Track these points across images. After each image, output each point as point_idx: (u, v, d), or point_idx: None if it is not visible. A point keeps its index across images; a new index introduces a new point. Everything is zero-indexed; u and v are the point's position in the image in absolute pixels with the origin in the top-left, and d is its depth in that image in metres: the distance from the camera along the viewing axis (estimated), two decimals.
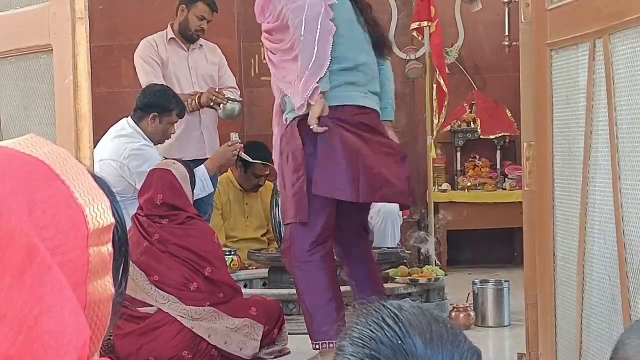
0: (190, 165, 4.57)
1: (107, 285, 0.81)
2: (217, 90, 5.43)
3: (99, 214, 0.81)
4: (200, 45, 5.67)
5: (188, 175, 4.27)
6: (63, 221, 0.78)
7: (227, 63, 5.81)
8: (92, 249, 0.79)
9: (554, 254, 2.86)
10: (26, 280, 0.73)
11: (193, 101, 5.37)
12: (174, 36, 5.57)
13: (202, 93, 5.42)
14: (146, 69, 5.45)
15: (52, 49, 2.58)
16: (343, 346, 0.93)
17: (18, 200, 0.76)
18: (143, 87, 5.37)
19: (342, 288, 5.05)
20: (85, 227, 0.79)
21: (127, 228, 3.89)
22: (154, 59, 5.47)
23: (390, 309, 0.94)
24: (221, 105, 5.39)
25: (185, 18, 5.54)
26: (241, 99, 5.56)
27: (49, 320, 0.73)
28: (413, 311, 0.94)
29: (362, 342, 0.92)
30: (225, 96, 5.40)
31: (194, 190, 4.43)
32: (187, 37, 5.57)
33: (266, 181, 6.31)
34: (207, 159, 5.39)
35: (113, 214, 0.83)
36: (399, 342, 0.90)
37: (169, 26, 5.61)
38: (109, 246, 0.82)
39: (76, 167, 0.83)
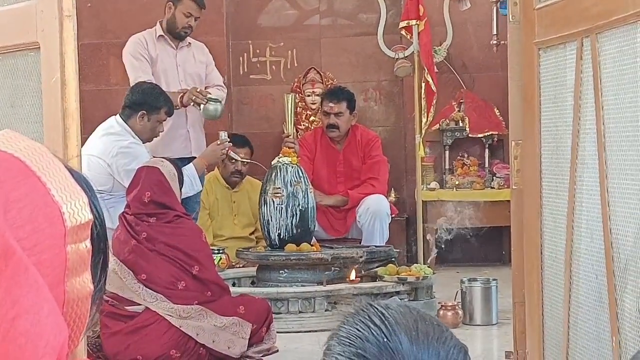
0: (179, 163, 4.56)
1: (86, 282, 0.80)
2: (199, 90, 5.39)
3: (77, 211, 0.79)
4: (189, 43, 5.65)
5: (176, 174, 4.26)
6: (39, 220, 0.76)
7: (214, 62, 5.80)
8: (70, 247, 0.78)
9: (541, 253, 2.87)
10: (1, 282, 0.72)
11: (177, 99, 5.35)
12: (162, 34, 5.55)
13: (184, 93, 5.38)
14: (135, 65, 5.43)
15: (39, 47, 2.56)
16: (331, 345, 0.94)
17: None
18: (132, 83, 5.35)
19: (331, 287, 5.07)
20: (63, 225, 0.78)
21: (115, 226, 3.86)
22: (144, 56, 5.45)
23: (377, 308, 0.95)
24: (202, 106, 5.34)
25: (172, 15, 5.52)
26: (221, 100, 5.51)
27: (26, 323, 0.72)
28: (400, 310, 0.95)
29: (349, 340, 0.92)
30: (207, 96, 5.37)
31: (183, 189, 4.43)
32: (175, 34, 5.55)
33: (253, 179, 6.31)
34: (193, 157, 5.38)
35: (91, 210, 0.82)
36: (385, 339, 0.91)
37: (157, 24, 5.59)
38: (87, 243, 0.81)
39: (53, 163, 0.81)
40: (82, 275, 0.80)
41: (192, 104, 5.34)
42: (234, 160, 6.05)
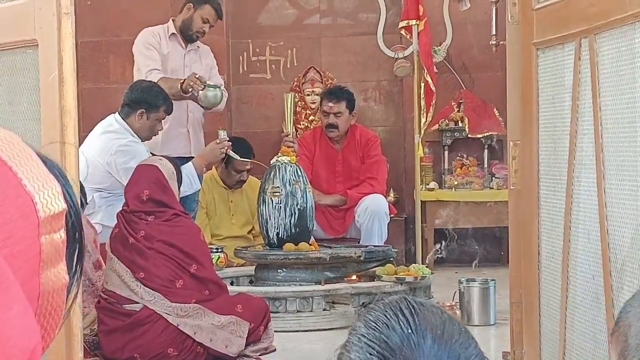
0: (177, 162, 4.56)
1: (61, 273, 0.78)
2: (198, 76, 5.37)
3: (50, 201, 0.77)
4: (198, 46, 5.66)
5: (175, 172, 4.26)
6: (11, 211, 0.74)
7: (216, 61, 5.82)
8: (44, 238, 0.76)
9: (538, 253, 2.87)
10: None
11: (174, 87, 5.30)
12: (175, 32, 5.56)
13: (185, 79, 5.36)
14: (146, 53, 5.42)
15: (37, 44, 2.57)
16: (357, 326, 0.96)
17: None
18: (142, 70, 5.35)
19: (329, 286, 5.07)
20: (36, 215, 0.75)
21: (113, 224, 3.84)
22: (156, 48, 5.46)
23: (410, 302, 0.97)
24: (200, 93, 5.31)
25: (190, 17, 5.52)
26: (221, 85, 5.52)
27: None
28: (432, 309, 0.97)
29: (375, 325, 0.94)
30: (205, 82, 5.35)
31: (181, 188, 4.43)
32: (187, 36, 5.55)
33: (251, 177, 6.30)
34: (192, 157, 5.38)
35: (65, 199, 0.79)
36: (410, 331, 0.93)
37: (170, 21, 5.60)
38: (62, 233, 0.78)
39: (24, 152, 0.78)
40: (57, 266, 0.78)
41: (190, 90, 5.31)
42: (238, 170, 6.07)
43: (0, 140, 0.76)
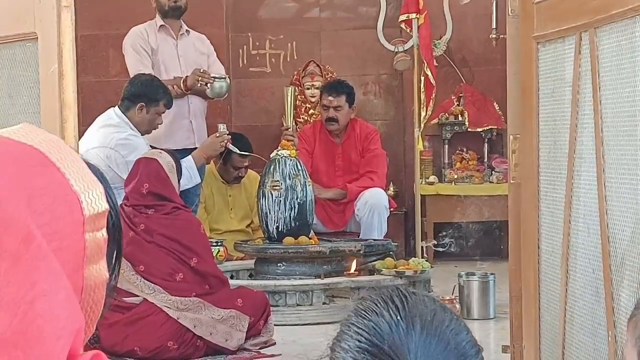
0: (177, 155, 4.56)
1: (102, 270, 0.83)
2: (202, 70, 5.40)
3: (94, 201, 0.82)
4: (187, 30, 5.65)
5: (175, 165, 4.26)
6: (60, 208, 0.79)
7: (215, 53, 5.80)
8: (88, 235, 0.81)
9: (538, 247, 2.86)
10: (21, 265, 0.74)
11: (175, 85, 5.33)
12: (163, 23, 5.55)
13: (187, 76, 5.38)
14: (135, 57, 5.43)
15: (37, 37, 2.56)
16: (349, 316, 0.98)
17: (16, 188, 0.77)
18: (131, 76, 5.34)
19: (329, 280, 5.07)
20: (81, 213, 0.80)
21: None
22: (144, 48, 5.45)
23: (402, 291, 0.98)
24: (209, 85, 5.35)
25: None
26: (227, 76, 5.55)
27: (44, 305, 0.74)
28: (423, 298, 0.98)
29: (365, 313, 0.96)
30: (211, 75, 5.38)
31: (181, 181, 4.43)
32: (164, 12, 5.54)
33: (250, 171, 6.30)
34: (195, 148, 5.38)
35: (107, 201, 0.85)
36: (398, 318, 0.94)
37: (157, 14, 5.60)
38: (104, 232, 0.84)
39: (71, 155, 0.84)
40: (99, 263, 0.83)
41: (198, 84, 5.33)
42: (236, 167, 6.07)
43: (49, 144, 0.83)
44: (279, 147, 5.43)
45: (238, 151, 5.82)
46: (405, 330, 0.92)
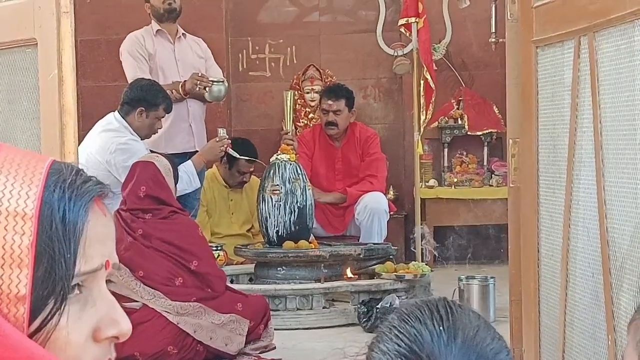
0: (176, 160, 4.56)
1: (12, 283, 0.77)
2: (200, 74, 5.41)
3: (14, 197, 0.77)
4: (183, 33, 5.65)
5: (171, 169, 4.26)
6: None
7: (213, 56, 5.80)
8: None
9: (538, 251, 2.87)
10: None
11: (174, 90, 5.34)
12: (159, 28, 5.56)
13: (185, 80, 5.40)
14: (132, 64, 5.44)
15: (37, 43, 2.56)
16: (391, 318, 0.98)
17: None
18: (129, 81, 5.35)
19: (329, 284, 5.07)
20: None
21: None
22: (141, 54, 5.46)
23: (448, 302, 0.98)
24: (207, 88, 5.37)
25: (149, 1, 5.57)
26: (225, 79, 5.56)
27: None
28: (469, 313, 0.97)
29: (408, 318, 0.96)
30: (209, 78, 5.39)
31: (180, 185, 4.42)
32: (160, 17, 5.54)
33: (252, 177, 6.30)
34: (195, 152, 5.38)
35: (40, 208, 0.78)
36: (441, 329, 0.93)
37: (152, 20, 5.61)
38: (24, 238, 0.77)
39: (16, 149, 0.80)
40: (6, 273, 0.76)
41: (197, 89, 5.34)
42: (241, 172, 6.08)
43: None
44: (279, 152, 5.43)
45: (238, 155, 5.82)
46: (446, 342, 0.92)
